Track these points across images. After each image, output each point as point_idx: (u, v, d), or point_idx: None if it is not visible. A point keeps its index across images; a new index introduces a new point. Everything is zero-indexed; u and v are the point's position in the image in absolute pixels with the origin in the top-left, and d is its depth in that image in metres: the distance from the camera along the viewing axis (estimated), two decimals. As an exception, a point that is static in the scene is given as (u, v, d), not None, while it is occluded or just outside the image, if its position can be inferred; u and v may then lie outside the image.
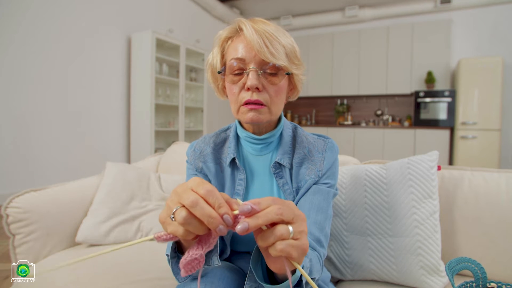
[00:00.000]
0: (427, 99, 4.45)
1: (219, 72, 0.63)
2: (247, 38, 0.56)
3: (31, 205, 0.97)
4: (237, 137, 0.70)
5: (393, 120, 5.16)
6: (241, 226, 0.33)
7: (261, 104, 0.59)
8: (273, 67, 0.58)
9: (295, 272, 0.42)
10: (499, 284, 0.58)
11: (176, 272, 0.49)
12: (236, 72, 0.59)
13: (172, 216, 0.34)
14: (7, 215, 0.92)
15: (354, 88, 5.20)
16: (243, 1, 5.17)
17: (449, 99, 4.31)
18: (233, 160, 0.67)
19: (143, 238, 0.35)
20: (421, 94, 4.49)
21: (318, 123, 5.72)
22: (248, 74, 0.57)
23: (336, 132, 5.05)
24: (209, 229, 0.34)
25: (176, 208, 0.33)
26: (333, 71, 5.33)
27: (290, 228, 0.34)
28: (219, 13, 5.15)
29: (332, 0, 4.96)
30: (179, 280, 0.53)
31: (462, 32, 4.58)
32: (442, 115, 4.39)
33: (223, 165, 0.69)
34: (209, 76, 0.67)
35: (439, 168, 0.87)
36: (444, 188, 0.91)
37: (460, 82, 4.15)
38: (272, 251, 0.34)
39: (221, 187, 0.68)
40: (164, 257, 0.57)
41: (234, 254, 0.71)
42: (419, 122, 4.55)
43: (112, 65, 3.53)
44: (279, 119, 0.69)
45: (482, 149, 4.06)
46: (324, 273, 0.72)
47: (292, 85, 0.66)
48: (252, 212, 0.33)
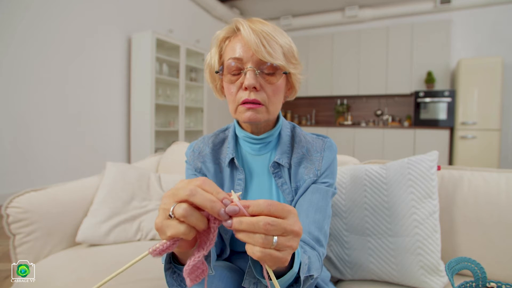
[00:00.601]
0: (427, 99, 4.46)
1: (217, 72, 0.63)
2: (245, 38, 0.56)
3: (31, 205, 0.97)
4: (236, 137, 0.70)
5: (393, 120, 5.17)
6: (225, 223, 0.33)
7: (259, 104, 0.59)
8: (271, 67, 0.58)
9: (292, 267, 0.42)
10: (499, 284, 0.59)
11: (172, 284, 0.46)
12: (234, 72, 0.59)
13: (171, 214, 0.33)
14: (8, 215, 0.93)
15: (354, 88, 5.20)
16: (243, 1, 5.17)
17: (449, 99, 4.31)
18: (232, 160, 0.67)
19: (138, 258, 0.34)
20: (421, 94, 4.49)
21: (318, 123, 5.72)
22: (246, 74, 0.57)
23: (336, 132, 5.05)
24: (208, 225, 0.35)
25: (174, 206, 0.33)
26: (333, 71, 5.34)
27: (275, 239, 0.33)
28: (219, 13, 5.15)
29: (332, 0, 4.97)
30: None
31: (462, 32, 4.58)
32: (442, 115, 4.39)
33: (222, 165, 0.69)
34: (208, 76, 0.67)
35: (439, 168, 0.87)
36: (444, 188, 0.91)
37: (460, 82, 4.15)
38: (250, 252, 0.34)
39: (220, 187, 0.68)
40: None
41: (234, 254, 0.71)
42: (419, 122, 4.55)
43: (112, 65, 3.53)
44: (278, 119, 0.69)
45: (482, 149, 4.06)
46: (324, 273, 0.72)
47: (290, 85, 0.66)
48: (240, 214, 0.33)
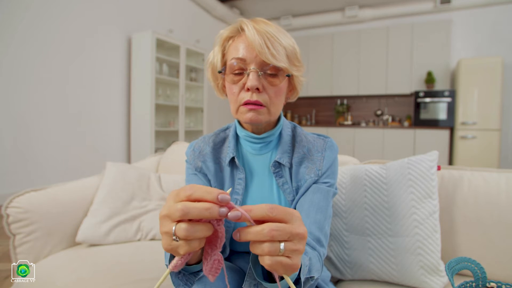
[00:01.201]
0: (427, 99, 4.45)
1: (220, 72, 0.63)
2: (249, 39, 0.56)
3: (32, 205, 0.97)
4: (237, 137, 0.70)
5: (393, 120, 5.17)
6: (234, 236, 0.34)
7: (261, 105, 0.59)
8: (274, 68, 0.58)
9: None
10: (499, 284, 0.58)
11: (178, 284, 0.47)
12: (237, 72, 0.59)
13: (175, 237, 0.33)
14: (8, 215, 0.93)
15: (354, 88, 5.20)
16: (243, 1, 5.17)
17: (449, 99, 4.31)
18: (233, 160, 0.67)
19: (162, 278, 0.35)
20: (421, 94, 4.49)
21: (318, 123, 5.72)
22: (249, 75, 0.57)
23: (336, 132, 5.05)
24: (213, 227, 0.35)
25: (174, 228, 0.33)
26: (333, 71, 5.34)
27: (282, 246, 0.33)
28: (219, 13, 5.15)
29: (332, 0, 4.96)
30: None
31: (462, 32, 4.58)
32: (442, 115, 4.39)
33: (223, 165, 0.69)
34: (209, 75, 0.67)
35: (439, 168, 0.87)
36: (444, 188, 0.91)
37: (460, 82, 4.15)
38: (261, 261, 0.34)
39: (221, 187, 0.68)
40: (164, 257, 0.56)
41: (234, 254, 0.71)
42: (419, 122, 4.55)
43: (112, 65, 3.53)
44: (278, 119, 0.69)
45: (482, 149, 4.06)
46: (324, 273, 0.72)
47: (292, 86, 0.66)
48: (242, 219, 0.33)
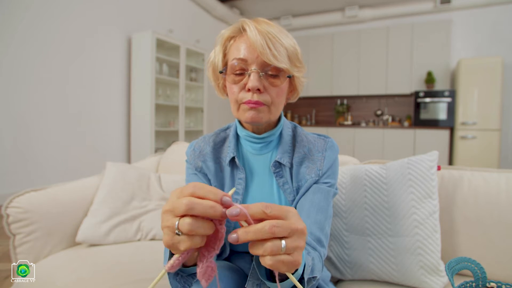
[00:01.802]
0: (427, 99, 4.45)
1: (221, 72, 0.63)
2: (250, 39, 0.56)
3: (32, 205, 0.97)
4: (237, 136, 0.70)
5: (393, 120, 5.17)
6: (231, 239, 0.33)
7: (262, 104, 0.59)
8: (275, 69, 0.58)
9: (297, 269, 0.42)
10: (499, 284, 0.58)
11: (175, 286, 0.47)
12: (238, 72, 0.59)
13: (178, 231, 0.33)
14: (8, 215, 0.93)
15: (354, 88, 5.20)
16: (243, 1, 5.17)
17: (449, 99, 4.31)
18: (233, 159, 0.67)
19: (158, 278, 0.34)
20: (421, 94, 4.49)
21: (318, 123, 5.72)
22: (250, 75, 0.57)
23: (336, 132, 5.05)
24: (215, 226, 0.35)
25: (177, 222, 0.33)
26: (333, 71, 5.33)
27: (283, 243, 0.33)
28: (219, 13, 5.15)
29: (332, 0, 4.96)
30: None
31: (462, 32, 4.58)
32: (442, 115, 4.39)
33: (223, 164, 0.68)
34: (210, 74, 0.67)
35: (439, 168, 0.87)
36: (444, 188, 0.91)
37: (460, 82, 4.15)
38: (262, 262, 0.34)
39: (221, 186, 0.68)
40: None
41: (234, 254, 0.71)
42: (419, 122, 4.55)
43: (112, 65, 3.53)
44: (279, 119, 0.69)
45: (482, 149, 4.06)
46: (324, 273, 0.72)
47: (293, 87, 0.66)
48: (241, 216, 0.33)
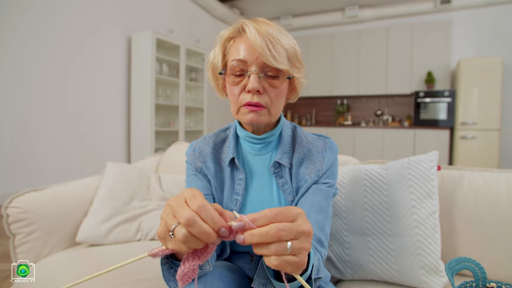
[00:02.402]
0: (427, 99, 4.45)
1: (220, 73, 0.63)
2: (250, 40, 0.56)
3: (32, 205, 0.97)
4: (237, 137, 0.70)
5: (393, 120, 5.17)
6: (238, 239, 0.34)
7: (261, 106, 0.59)
8: (275, 70, 0.58)
9: (307, 270, 0.42)
10: (499, 284, 0.58)
11: (168, 279, 0.47)
12: (237, 73, 0.59)
13: (172, 234, 0.34)
14: (8, 215, 0.93)
15: (354, 88, 5.20)
16: (243, 1, 5.17)
17: (449, 99, 4.31)
18: (233, 160, 0.67)
19: (136, 257, 0.35)
20: (421, 94, 4.49)
21: (318, 123, 5.72)
22: (250, 77, 0.57)
23: (336, 132, 5.05)
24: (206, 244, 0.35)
25: (175, 226, 0.34)
26: (333, 71, 5.33)
27: (289, 244, 0.33)
28: (219, 13, 5.15)
29: (332, 0, 4.96)
30: (171, 287, 0.50)
31: (462, 32, 4.58)
32: (442, 115, 4.39)
33: (223, 165, 0.68)
34: (210, 74, 0.67)
35: (439, 168, 0.87)
36: (444, 188, 0.91)
37: (460, 82, 4.15)
38: (267, 261, 0.34)
39: (221, 187, 0.68)
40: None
41: (234, 254, 0.71)
42: (419, 122, 4.55)
43: (112, 65, 3.53)
44: (279, 119, 0.69)
45: (482, 149, 4.06)
46: (324, 273, 0.72)
47: (292, 87, 0.66)
48: (246, 229, 0.34)
